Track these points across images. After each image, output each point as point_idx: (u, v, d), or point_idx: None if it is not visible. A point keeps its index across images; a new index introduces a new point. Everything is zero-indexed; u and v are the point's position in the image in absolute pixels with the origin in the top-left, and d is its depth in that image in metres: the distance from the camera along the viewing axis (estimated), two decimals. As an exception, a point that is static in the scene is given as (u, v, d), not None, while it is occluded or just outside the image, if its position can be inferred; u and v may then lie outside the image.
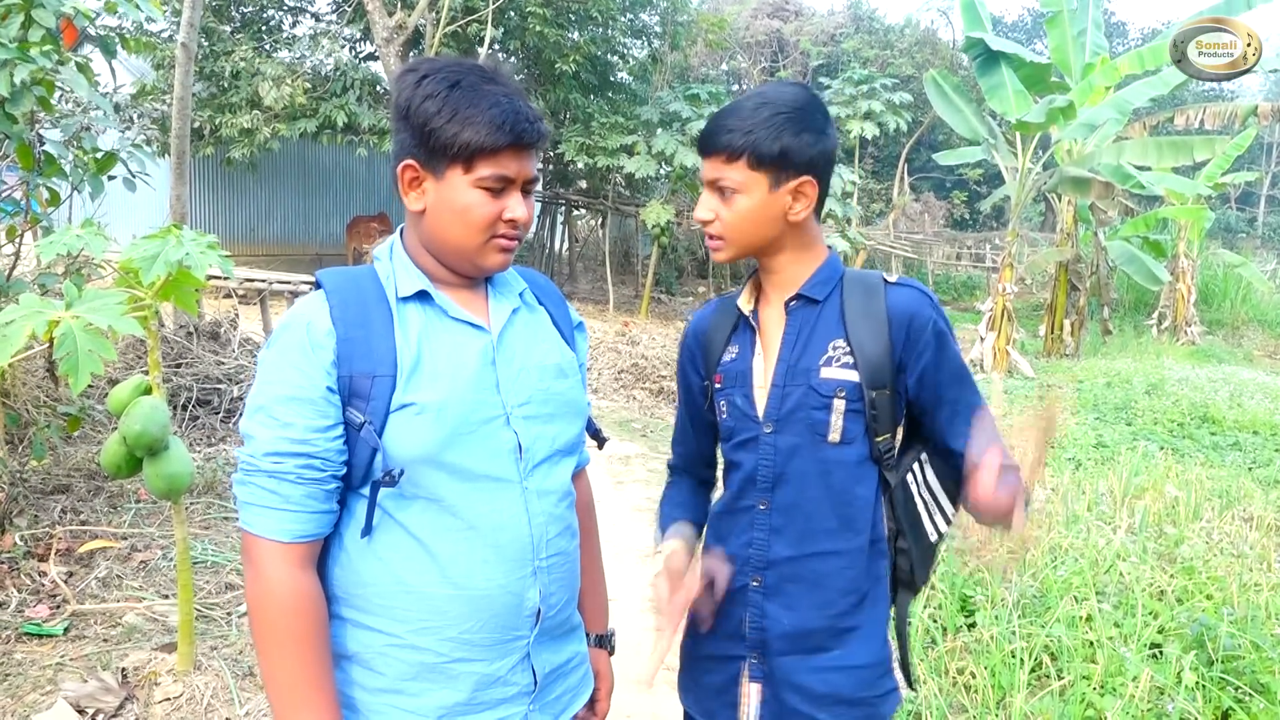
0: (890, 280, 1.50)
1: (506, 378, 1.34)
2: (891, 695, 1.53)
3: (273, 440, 1.23)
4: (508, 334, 1.38)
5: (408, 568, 1.28)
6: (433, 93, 1.26)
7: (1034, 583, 3.81)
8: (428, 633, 1.29)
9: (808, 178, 1.45)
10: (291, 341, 1.25)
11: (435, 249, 1.34)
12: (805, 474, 1.47)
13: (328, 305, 1.27)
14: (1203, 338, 16.63)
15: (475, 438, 1.29)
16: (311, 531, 1.26)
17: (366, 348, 1.25)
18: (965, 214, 27.23)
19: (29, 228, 3.71)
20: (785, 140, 1.42)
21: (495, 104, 1.26)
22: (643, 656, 1.38)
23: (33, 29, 3.28)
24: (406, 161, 1.30)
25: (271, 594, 1.23)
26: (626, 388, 9.33)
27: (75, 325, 2.30)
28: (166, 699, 2.85)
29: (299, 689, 1.23)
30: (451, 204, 1.29)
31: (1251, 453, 7.05)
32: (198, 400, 5.71)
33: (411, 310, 1.31)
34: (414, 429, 1.25)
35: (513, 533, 1.31)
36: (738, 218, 1.46)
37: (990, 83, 11.32)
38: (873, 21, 27.31)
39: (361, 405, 1.24)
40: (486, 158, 1.26)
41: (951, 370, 1.49)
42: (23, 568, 3.61)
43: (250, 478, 1.24)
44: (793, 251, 1.51)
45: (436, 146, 1.26)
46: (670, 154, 14.58)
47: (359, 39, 16.86)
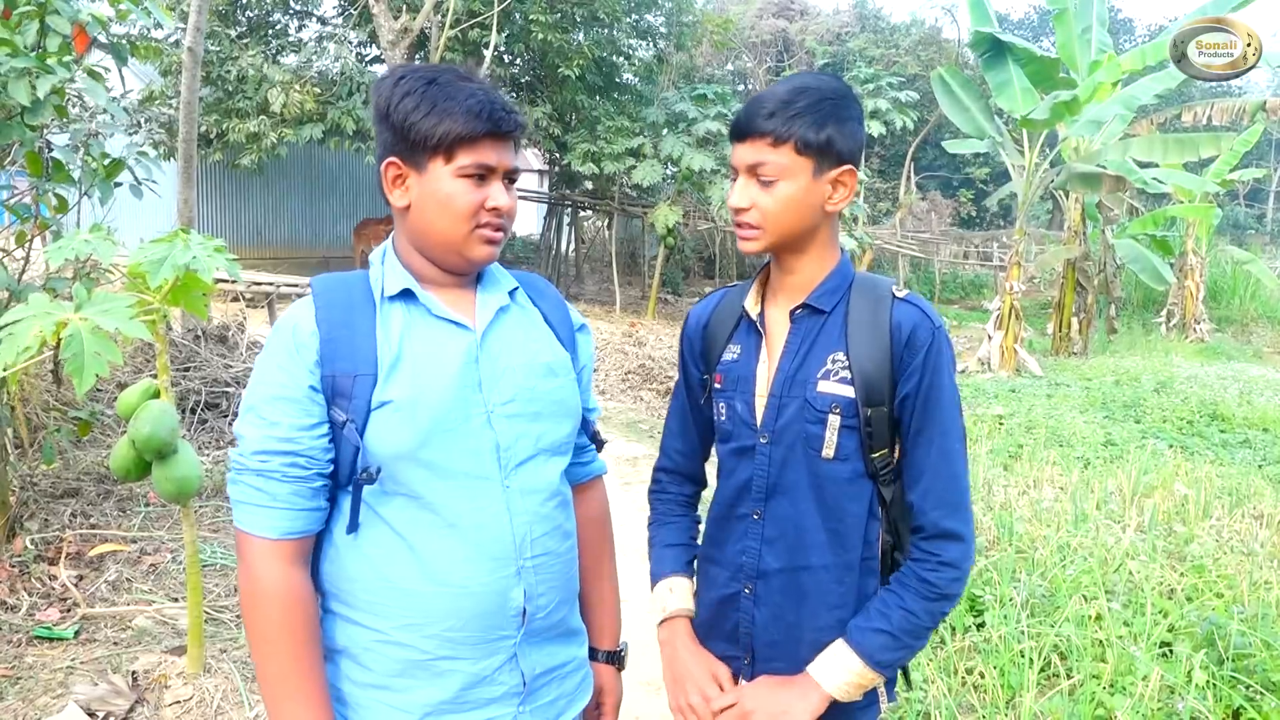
0: (899, 294, 1.46)
1: (489, 376, 1.35)
2: (870, 709, 1.49)
3: (260, 439, 1.27)
4: (493, 332, 1.38)
5: (391, 564, 1.30)
6: (410, 89, 1.30)
7: (1043, 582, 3.79)
8: (411, 629, 1.30)
9: (849, 167, 1.43)
10: (279, 344, 1.30)
11: (422, 244, 1.36)
12: (798, 486, 1.46)
13: (313, 308, 1.31)
14: (1211, 335, 16.56)
15: (454, 435, 1.30)
16: (299, 529, 1.29)
17: (349, 347, 1.29)
18: (972, 212, 27.17)
19: (38, 233, 3.73)
20: (831, 127, 1.39)
21: (471, 95, 1.30)
22: (651, 657, 1.39)
23: (49, 37, 3.29)
24: (389, 159, 1.33)
25: (261, 590, 1.26)
26: (634, 389, 9.33)
27: (83, 327, 2.30)
28: (176, 702, 2.85)
29: (288, 681, 1.26)
30: (435, 195, 1.31)
31: (1261, 450, 7.01)
32: (206, 404, 5.73)
33: (395, 309, 1.34)
34: (391, 426, 1.27)
35: (494, 531, 1.32)
36: (779, 205, 1.41)
37: (998, 79, 11.28)
38: (878, 20, 27.28)
39: (344, 404, 1.28)
40: (466, 146, 1.30)
41: (933, 408, 1.41)
42: (33, 571, 3.63)
43: (240, 476, 1.29)
44: (816, 251, 1.48)
45: (417, 140, 1.29)
46: (677, 156, 14.57)
47: (365, 43, 16.89)
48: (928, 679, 3.12)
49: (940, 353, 1.42)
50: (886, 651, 1.40)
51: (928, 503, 1.41)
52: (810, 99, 1.40)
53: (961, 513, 1.41)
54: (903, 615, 1.40)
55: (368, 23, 14.57)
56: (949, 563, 1.39)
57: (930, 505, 1.41)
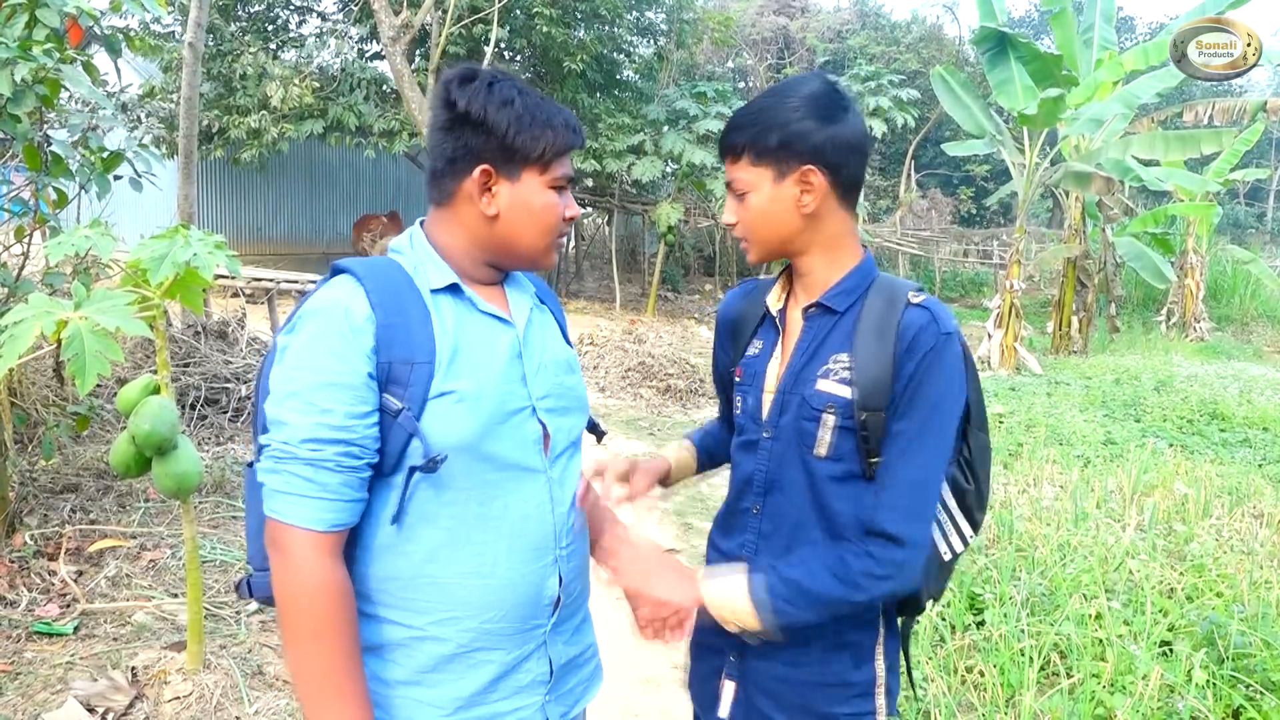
0: (915, 299, 1.41)
1: (531, 371, 1.37)
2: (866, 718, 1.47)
3: (311, 427, 1.21)
4: (530, 329, 1.41)
5: (432, 558, 1.29)
6: (507, 99, 1.30)
7: (1043, 581, 3.80)
8: (449, 624, 1.30)
9: (810, 165, 1.39)
10: (327, 327, 1.24)
11: (500, 249, 1.36)
12: (795, 484, 1.45)
13: (363, 291, 1.26)
14: (1212, 334, 16.58)
15: (507, 427, 1.31)
16: (346, 520, 1.25)
17: (406, 334, 1.26)
18: (972, 210, 27.15)
19: (37, 228, 3.72)
20: (784, 130, 1.39)
21: (559, 110, 1.34)
22: (650, 654, 1.39)
23: (37, 28, 3.28)
24: (483, 166, 1.31)
25: (307, 584, 1.22)
26: (633, 386, 9.32)
27: (83, 326, 2.30)
28: (176, 697, 2.85)
29: (332, 679, 1.22)
30: (529, 205, 1.33)
31: (1261, 449, 7.02)
32: (206, 399, 5.72)
33: (444, 301, 1.33)
34: (454, 417, 1.26)
35: (537, 522, 1.35)
36: (753, 216, 1.44)
37: (999, 77, 11.27)
38: (879, 17, 27.25)
39: (399, 392, 1.24)
40: (560, 159, 1.34)
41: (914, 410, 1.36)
42: (33, 567, 3.63)
43: (284, 464, 1.22)
44: (821, 252, 1.46)
45: (519, 149, 1.31)
46: (679, 153, 14.55)
47: (366, 38, 16.88)
48: (928, 677, 3.12)
49: (939, 358, 1.36)
50: (767, 592, 1.36)
51: (880, 500, 1.37)
52: (765, 105, 1.42)
53: (909, 521, 1.35)
54: (805, 572, 1.36)
55: (368, 18, 14.56)
56: (876, 558, 1.34)
57: (881, 503, 1.37)
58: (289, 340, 1.26)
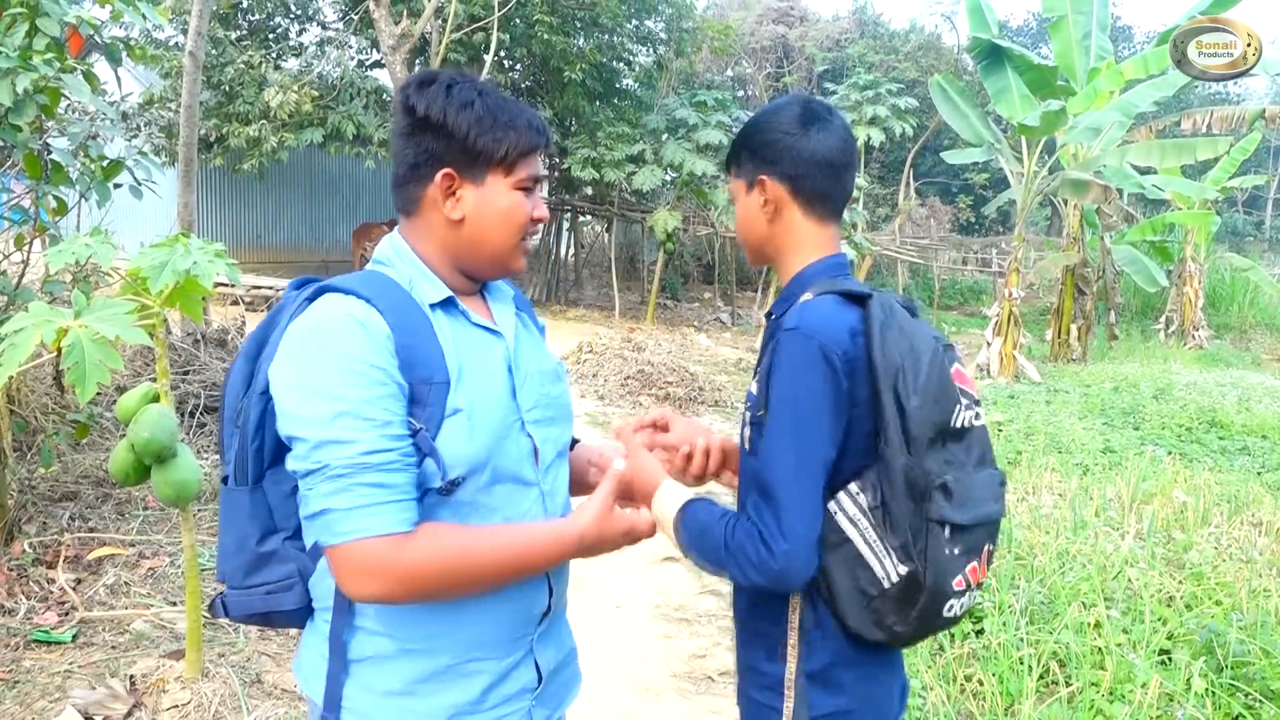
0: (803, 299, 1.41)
1: (520, 383, 1.37)
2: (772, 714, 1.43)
3: (374, 440, 1.18)
4: (519, 341, 1.41)
5: None
6: (467, 100, 1.29)
7: (1042, 589, 3.79)
8: (440, 637, 1.30)
9: (761, 175, 1.49)
10: (356, 343, 1.20)
11: (467, 255, 1.35)
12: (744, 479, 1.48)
13: (376, 309, 1.23)
14: (1210, 342, 16.59)
15: (507, 442, 1.31)
16: (419, 517, 1.22)
17: (422, 354, 1.24)
18: (971, 218, 27.17)
19: (37, 236, 3.72)
20: (747, 142, 1.52)
21: (522, 110, 1.33)
22: (650, 663, 1.39)
23: (38, 38, 3.29)
24: (445, 170, 1.30)
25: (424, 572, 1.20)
26: (632, 394, 9.32)
27: (83, 335, 2.31)
28: (174, 706, 2.85)
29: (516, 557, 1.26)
30: (495, 207, 1.32)
31: (1260, 457, 7.02)
32: (205, 407, 5.72)
33: (440, 316, 1.32)
34: (465, 435, 1.25)
35: None
36: (737, 223, 1.60)
37: (996, 86, 11.31)
38: (877, 27, 27.34)
39: (419, 412, 1.22)
40: (525, 160, 1.32)
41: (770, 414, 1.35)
42: (31, 575, 3.62)
43: (353, 479, 1.17)
44: (782, 259, 1.53)
45: (481, 151, 1.29)
46: (679, 163, 14.57)
47: (366, 48, 16.92)
48: (926, 686, 3.12)
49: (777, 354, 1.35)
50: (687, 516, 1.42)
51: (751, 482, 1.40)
52: (748, 123, 1.54)
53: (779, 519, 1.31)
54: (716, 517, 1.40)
55: (368, 28, 14.60)
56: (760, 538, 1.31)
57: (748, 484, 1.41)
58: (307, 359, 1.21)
